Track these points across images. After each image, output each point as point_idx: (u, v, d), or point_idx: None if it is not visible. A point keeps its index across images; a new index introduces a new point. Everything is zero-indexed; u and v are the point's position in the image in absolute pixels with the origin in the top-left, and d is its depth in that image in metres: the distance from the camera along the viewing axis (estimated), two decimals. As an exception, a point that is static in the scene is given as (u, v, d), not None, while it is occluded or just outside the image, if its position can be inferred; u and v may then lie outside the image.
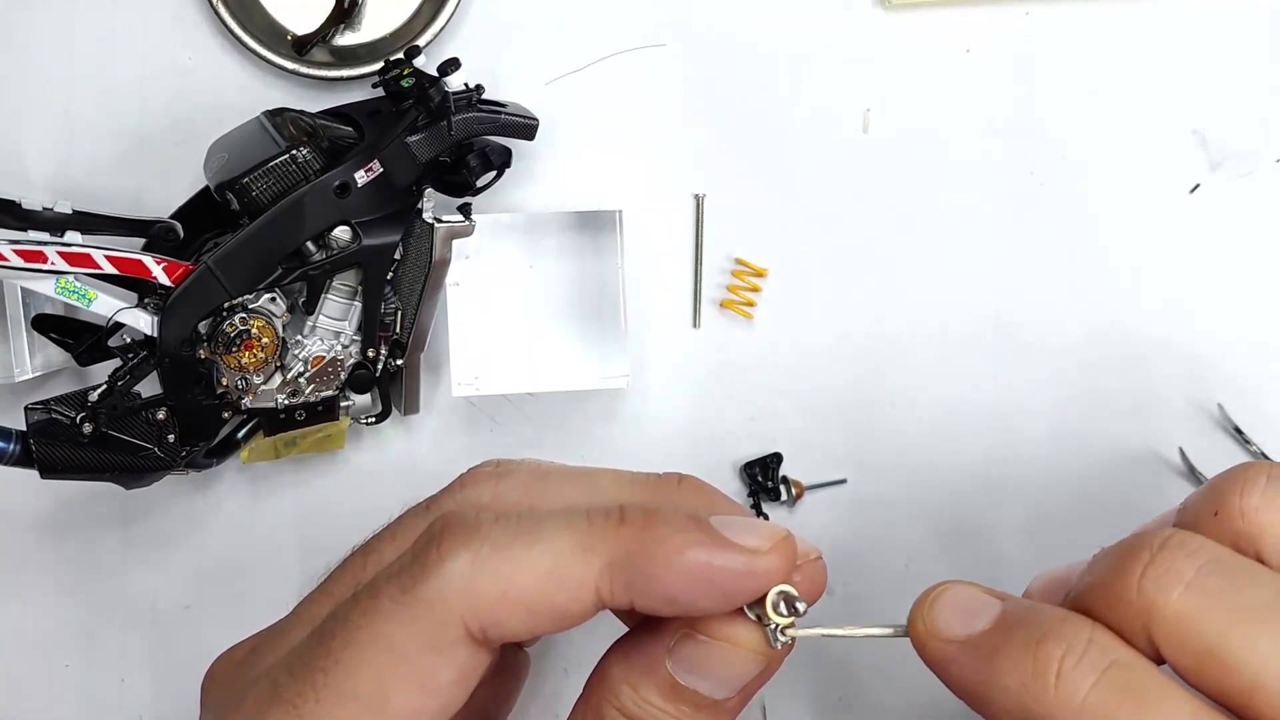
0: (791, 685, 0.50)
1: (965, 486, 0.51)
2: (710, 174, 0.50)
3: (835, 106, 0.50)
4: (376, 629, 0.27)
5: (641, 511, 0.28)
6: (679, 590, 0.27)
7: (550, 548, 0.27)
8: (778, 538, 0.27)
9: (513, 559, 0.27)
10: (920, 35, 0.50)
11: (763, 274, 0.50)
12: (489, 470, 0.31)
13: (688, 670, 0.28)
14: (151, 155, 0.48)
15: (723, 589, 0.27)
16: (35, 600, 0.49)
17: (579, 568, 0.27)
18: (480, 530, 0.27)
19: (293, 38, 0.48)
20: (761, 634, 0.28)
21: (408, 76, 0.43)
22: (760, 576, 0.27)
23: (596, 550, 0.27)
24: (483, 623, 0.27)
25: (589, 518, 0.27)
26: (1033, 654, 0.26)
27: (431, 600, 0.27)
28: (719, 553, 0.27)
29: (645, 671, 0.28)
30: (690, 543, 0.27)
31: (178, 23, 0.48)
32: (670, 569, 0.26)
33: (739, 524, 0.27)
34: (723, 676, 0.28)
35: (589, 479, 0.31)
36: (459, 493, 0.31)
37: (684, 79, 0.50)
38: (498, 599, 0.26)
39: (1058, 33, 0.50)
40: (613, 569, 0.27)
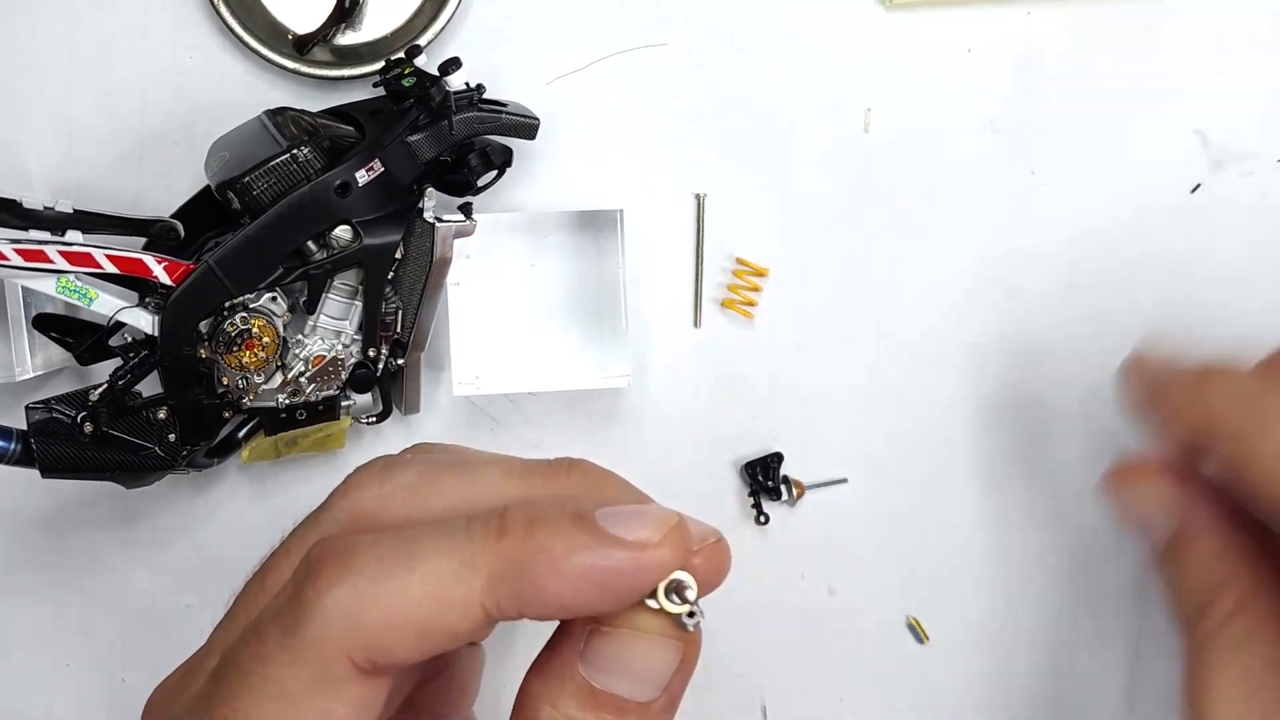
0: (792, 685, 0.50)
1: (965, 486, 0.51)
2: (711, 173, 0.50)
3: (836, 106, 0.50)
4: (265, 675, 0.26)
5: (522, 518, 0.26)
6: (569, 596, 0.26)
7: (429, 570, 0.26)
8: (667, 527, 0.26)
9: (392, 588, 0.26)
10: (921, 35, 0.50)
11: (763, 273, 0.50)
12: (375, 471, 0.30)
13: (602, 670, 0.27)
14: (152, 154, 0.48)
15: (614, 589, 0.26)
16: (35, 600, 0.49)
17: (461, 587, 0.26)
18: (356, 559, 0.26)
19: (294, 37, 0.48)
20: (669, 619, 0.27)
21: (409, 76, 0.43)
22: (652, 571, 0.26)
23: (476, 566, 0.26)
24: (370, 654, 0.26)
25: (468, 531, 0.26)
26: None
27: (314, 640, 0.26)
28: (604, 552, 0.26)
29: (560, 682, 0.27)
30: (574, 546, 0.26)
31: (178, 22, 0.48)
32: (556, 577, 0.26)
33: (626, 515, 0.26)
34: (641, 672, 0.27)
35: (475, 474, 0.29)
36: (343, 499, 0.30)
37: (685, 78, 0.50)
38: (382, 630, 0.26)
39: (1058, 33, 0.50)
40: (495, 583, 0.26)
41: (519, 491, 0.29)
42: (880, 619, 0.51)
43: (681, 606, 0.27)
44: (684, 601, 0.27)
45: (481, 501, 0.28)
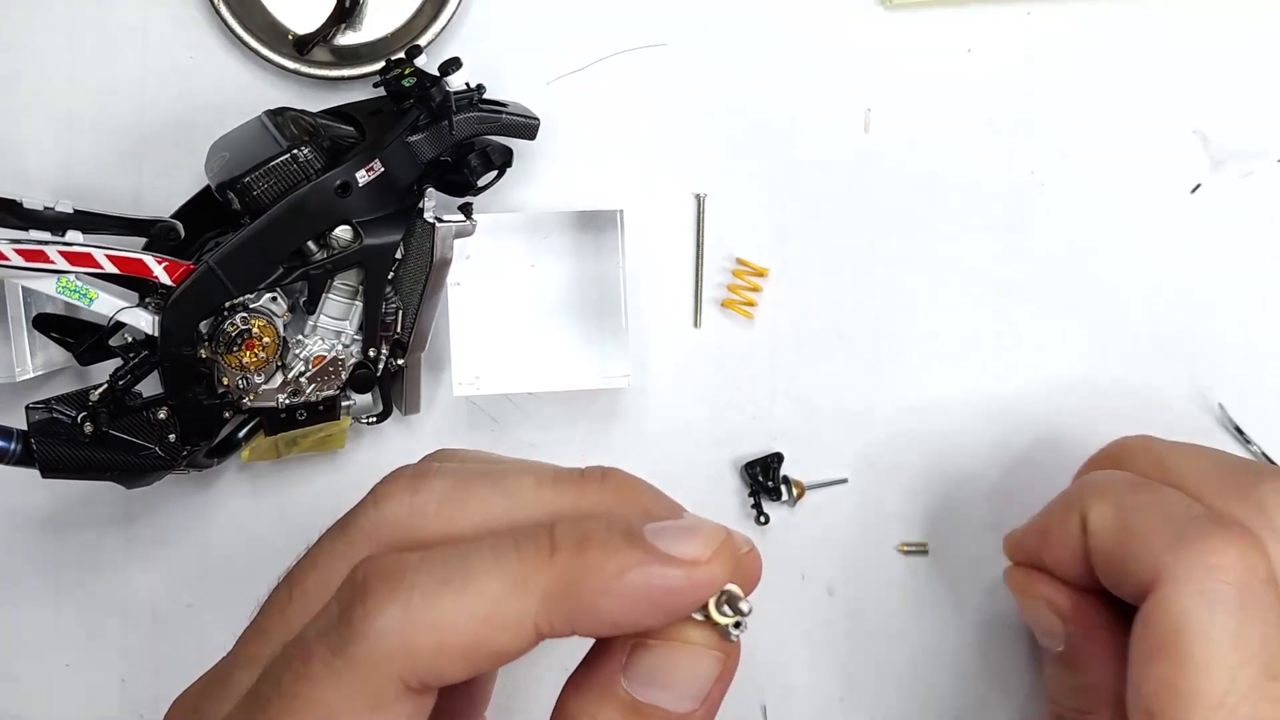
0: (792, 685, 0.50)
1: (966, 485, 0.51)
2: (711, 174, 0.50)
3: (836, 106, 0.50)
4: (312, 695, 0.26)
5: (573, 536, 0.26)
6: (621, 614, 0.26)
7: (482, 590, 0.26)
8: (716, 543, 0.26)
9: (445, 608, 0.25)
10: (921, 35, 0.50)
11: (763, 274, 0.50)
12: (405, 481, 0.30)
13: (645, 684, 0.27)
14: (152, 154, 0.48)
15: (666, 606, 0.26)
16: (35, 600, 0.49)
17: (515, 607, 0.26)
18: (406, 578, 0.26)
19: (294, 37, 0.48)
20: (713, 630, 0.27)
21: (409, 76, 0.43)
22: (704, 587, 0.26)
23: (530, 586, 0.26)
24: (420, 675, 0.26)
25: (518, 549, 0.26)
26: None
27: (365, 661, 0.25)
28: (658, 570, 0.26)
29: (602, 696, 0.27)
30: (628, 565, 0.26)
31: (178, 22, 0.48)
32: (610, 595, 0.26)
33: (676, 531, 0.27)
34: (683, 683, 0.27)
35: (508, 485, 0.29)
36: (372, 509, 0.30)
37: (685, 79, 0.50)
38: (433, 651, 0.25)
39: (1059, 33, 0.50)
40: (550, 603, 0.26)
41: (555, 503, 0.29)
42: (880, 619, 0.51)
43: (730, 618, 0.27)
44: (734, 613, 0.27)
45: (518, 514, 0.28)
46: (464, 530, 0.28)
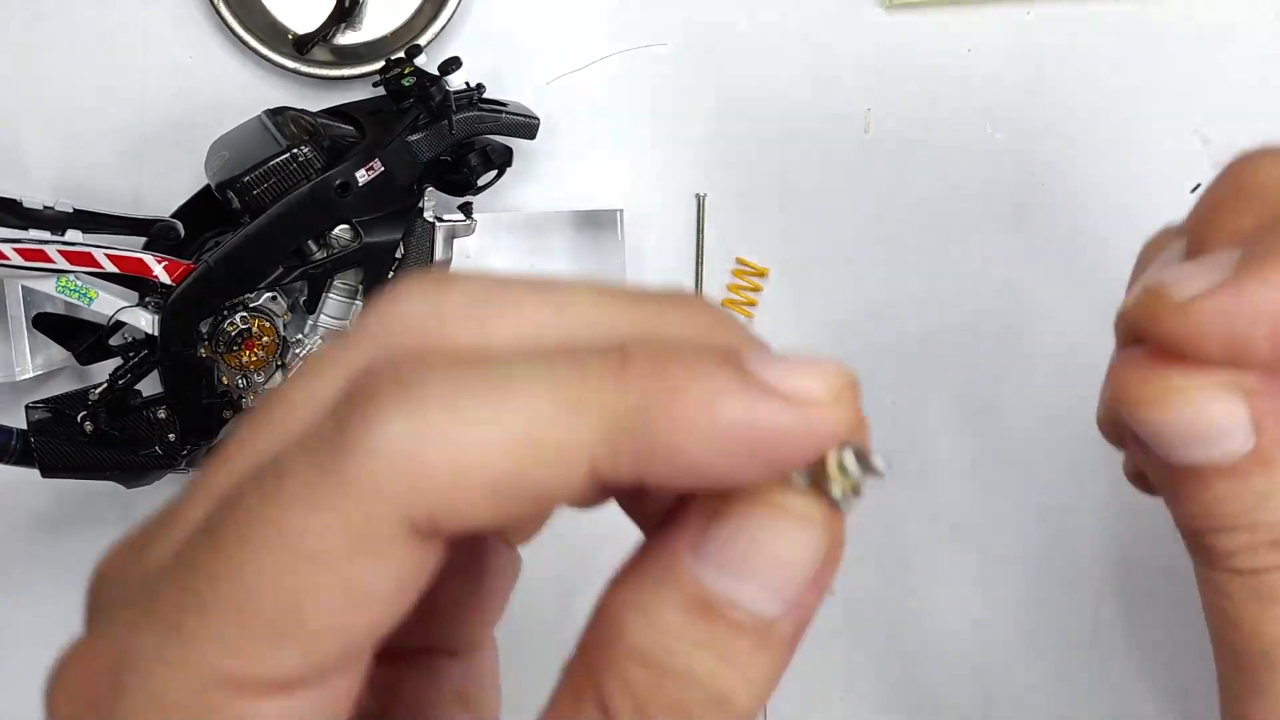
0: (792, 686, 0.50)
1: (966, 486, 0.51)
2: (711, 174, 0.50)
3: (837, 107, 0.50)
4: (283, 524, 0.20)
5: (650, 351, 0.20)
6: (709, 459, 0.19)
7: (524, 404, 0.19)
8: (841, 381, 0.20)
9: (470, 422, 0.19)
10: (921, 35, 0.50)
11: (764, 274, 0.50)
12: (427, 281, 0.23)
13: (722, 568, 0.20)
14: (152, 154, 0.48)
15: (769, 454, 0.20)
16: (35, 599, 0.49)
17: (566, 431, 0.19)
18: (424, 383, 0.20)
19: (294, 36, 0.48)
20: (819, 501, 0.21)
21: (409, 75, 0.43)
22: (821, 435, 0.20)
23: (589, 407, 0.19)
24: (431, 511, 0.19)
25: (577, 360, 0.20)
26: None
27: (358, 483, 0.19)
28: (763, 405, 0.19)
29: (661, 586, 0.21)
30: (723, 392, 0.19)
31: (178, 21, 0.48)
32: (695, 429, 0.19)
33: (786, 363, 0.20)
34: (772, 570, 0.21)
35: (561, 294, 0.22)
36: (386, 311, 0.23)
37: (686, 79, 0.50)
38: (450, 479, 0.19)
39: (1059, 33, 0.50)
40: (614, 432, 0.19)
41: (623, 321, 0.22)
42: (880, 621, 0.51)
43: (849, 479, 0.21)
44: (868, 471, 0.21)
45: (573, 331, 0.21)
46: (503, 343, 0.22)
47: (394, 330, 0.22)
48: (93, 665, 0.21)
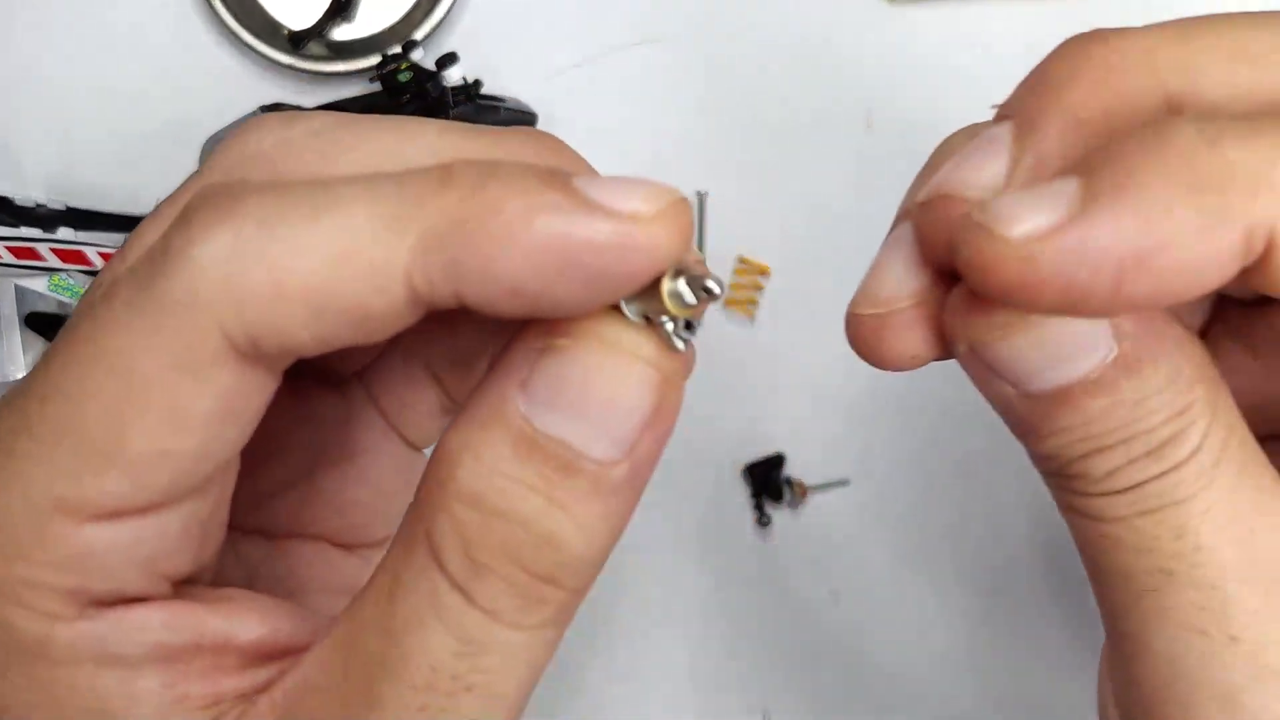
0: (795, 691, 0.50)
1: (969, 486, 0.50)
2: (713, 171, 0.49)
3: (839, 103, 0.50)
4: (104, 343, 0.20)
5: (473, 169, 0.20)
6: (524, 275, 0.19)
7: (342, 219, 0.19)
8: (665, 200, 0.19)
9: (288, 237, 0.19)
10: (925, 30, 0.50)
11: (765, 272, 0.50)
12: (276, 116, 0.23)
13: (548, 405, 0.20)
14: (147, 151, 0.48)
15: (590, 270, 0.19)
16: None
17: (381, 244, 0.19)
18: (245, 201, 0.20)
19: (289, 32, 0.47)
20: (652, 337, 0.20)
21: (405, 71, 0.43)
22: (642, 252, 0.19)
23: (406, 221, 0.19)
24: (249, 327, 0.19)
25: (399, 179, 0.20)
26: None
27: (176, 300, 0.19)
28: (583, 219, 0.19)
29: (489, 424, 0.20)
30: (542, 205, 0.19)
31: (174, 17, 0.48)
32: (512, 243, 0.19)
33: (610, 183, 0.20)
34: (601, 410, 0.20)
35: (408, 128, 0.22)
36: (233, 143, 0.23)
37: (686, 74, 0.49)
38: (268, 293, 0.19)
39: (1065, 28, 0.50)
40: (430, 245, 0.19)
41: (463, 152, 0.22)
42: (885, 623, 0.50)
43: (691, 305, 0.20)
44: (703, 296, 0.20)
45: (416, 160, 0.21)
46: (344, 173, 0.21)
47: (236, 161, 0.22)
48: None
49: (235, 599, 0.22)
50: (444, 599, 0.20)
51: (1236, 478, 0.22)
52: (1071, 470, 0.23)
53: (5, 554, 0.20)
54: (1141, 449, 0.22)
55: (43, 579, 0.20)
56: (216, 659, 0.22)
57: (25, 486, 0.20)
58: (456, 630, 0.20)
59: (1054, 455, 0.23)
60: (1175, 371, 0.22)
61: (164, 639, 0.21)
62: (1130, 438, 0.22)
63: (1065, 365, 0.22)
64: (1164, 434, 0.22)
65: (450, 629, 0.20)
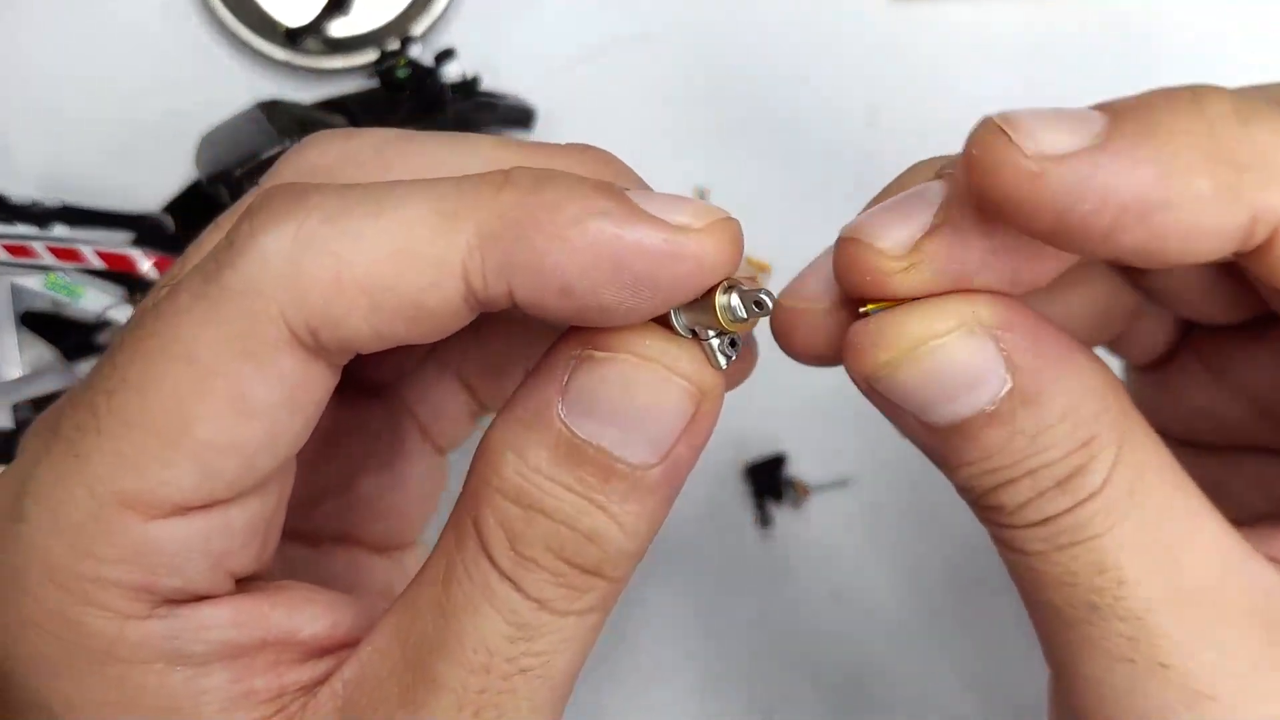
0: (797, 692, 0.50)
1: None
2: (714, 168, 0.49)
3: (841, 99, 0.49)
4: (171, 333, 0.20)
5: (532, 173, 0.20)
6: (574, 274, 0.19)
7: (401, 216, 0.20)
8: (715, 215, 0.20)
9: (350, 232, 0.20)
10: (928, 26, 0.49)
11: (766, 269, 0.49)
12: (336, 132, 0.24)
13: (588, 413, 0.21)
14: (142, 147, 0.47)
15: (639, 275, 0.20)
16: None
17: (439, 240, 0.20)
18: (310, 197, 0.20)
19: (286, 28, 0.47)
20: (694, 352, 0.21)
21: (403, 67, 0.43)
22: (688, 261, 0.20)
23: (463, 219, 0.20)
24: (310, 318, 0.20)
25: (459, 180, 0.20)
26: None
27: (240, 290, 0.20)
28: (632, 225, 0.19)
29: (532, 425, 0.21)
30: (596, 210, 0.19)
31: (169, 13, 0.47)
32: (563, 243, 0.19)
33: (661, 197, 0.20)
34: (636, 419, 0.21)
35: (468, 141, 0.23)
36: (296, 156, 0.24)
37: (686, 71, 0.49)
38: (329, 285, 0.20)
39: (1067, 25, 0.49)
40: (486, 243, 0.20)
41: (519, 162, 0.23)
42: (884, 624, 0.50)
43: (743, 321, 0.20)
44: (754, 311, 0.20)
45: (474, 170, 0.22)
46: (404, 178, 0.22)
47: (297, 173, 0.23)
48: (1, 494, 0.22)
49: (295, 591, 0.23)
50: (495, 587, 0.21)
51: (1158, 508, 0.22)
52: (987, 502, 0.23)
53: (74, 551, 0.20)
54: (1048, 481, 0.22)
55: (111, 576, 0.20)
56: (280, 653, 0.22)
57: (92, 483, 0.20)
58: (509, 616, 0.21)
59: (968, 487, 0.23)
60: (1074, 403, 0.22)
61: (231, 636, 0.22)
62: (1034, 470, 0.22)
63: (960, 399, 0.22)
64: (1068, 466, 0.22)
65: (503, 615, 0.21)
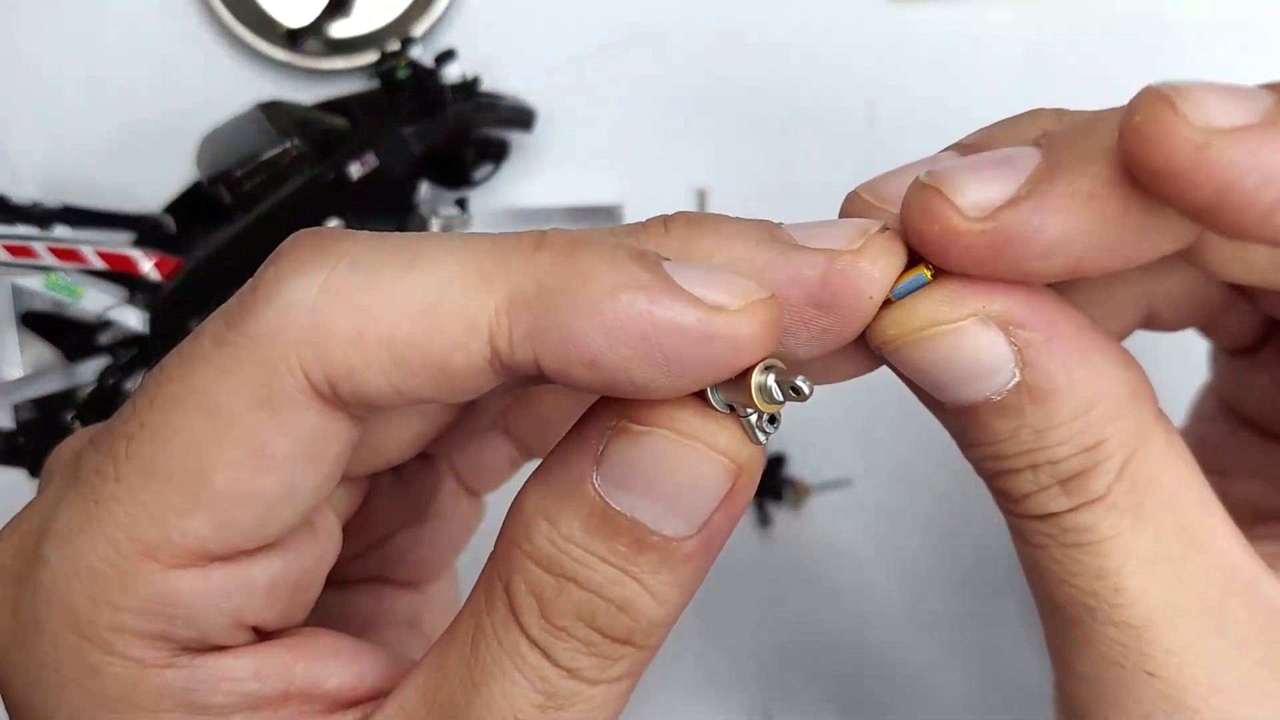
0: (796, 692, 0.50)
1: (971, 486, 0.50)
2: (713, 167, 0.49)
3: (840, 99, 0.49)
4: (191, 380, 0.20)
5: (568, 236, 0.20)
6: (602, 347, 0.19)
7: (431, 271, 0.19)
8: (754, 295, 0.19)
9: (377, 284, 0.19)
10: (927, 25, 0.49)
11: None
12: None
13: (623, 485, 0.20)
14: (143, 148, 0.47)
15: (669, 354, 0.19)
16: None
17: (468, 299, 0.19)
18: (340, 244, 0.20)
19: (287, 29, 0.47)
20: (732, 427, 0.20)
21: (404, 68, 0.43)
22: (720, 343, 0.19)
23: (494, 280, 0.19)
24: (329, 370, 0.19)
25: (493, 239, 0.20)
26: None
27: (259, 337, 0.19)
28: (667, 301, 0.19)
29: (566, 495, 0.20)
30: (629, 283, 0.19)
31: (169, 14, 0.47)
32: (594, 315, 0.19)
33: (700, 272, 0.20)
34: (674, 493, 0.20)
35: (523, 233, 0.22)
36: None
37: (686, 71, 0.49)
38: (350, 337, 0.19)
39: (1066, 23, 0.49)
40: (515, 308, 0.19)
41: None
42: (884, 624, 0.50)
43: (768, 404, 0.20)
44: (790, 396, 0.20)
45: None
46: None
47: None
48: (19, 538, 0.21)
49: (320, 641, 0.23)
50: (525, 654, 0.20)
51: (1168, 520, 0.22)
52: (995, 486, 0.23)
53: (92, 599, 0.20)
54: (1049, 479, 0.22)
55: (129, 624, 0.20)
56: (304, 705, 0.22)
57: (111, 531, 0.20)
58: (538, 684, 0.20)
59: (978, 468, 0.23)
60: (1085, 405, 0.21)
61: (253, 689, 0.21)
62: (1037, 465, 0.22)
63: (968, 384, 0.22)
64: (1072, 466, 0.22)
65: (533, 683, 0.20)
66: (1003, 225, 0.20)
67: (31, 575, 0.21)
